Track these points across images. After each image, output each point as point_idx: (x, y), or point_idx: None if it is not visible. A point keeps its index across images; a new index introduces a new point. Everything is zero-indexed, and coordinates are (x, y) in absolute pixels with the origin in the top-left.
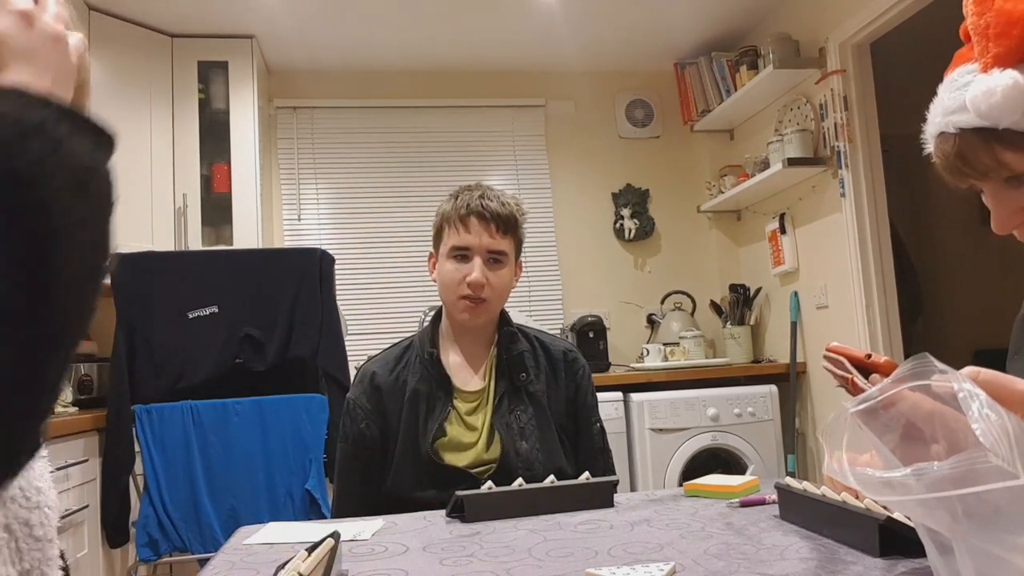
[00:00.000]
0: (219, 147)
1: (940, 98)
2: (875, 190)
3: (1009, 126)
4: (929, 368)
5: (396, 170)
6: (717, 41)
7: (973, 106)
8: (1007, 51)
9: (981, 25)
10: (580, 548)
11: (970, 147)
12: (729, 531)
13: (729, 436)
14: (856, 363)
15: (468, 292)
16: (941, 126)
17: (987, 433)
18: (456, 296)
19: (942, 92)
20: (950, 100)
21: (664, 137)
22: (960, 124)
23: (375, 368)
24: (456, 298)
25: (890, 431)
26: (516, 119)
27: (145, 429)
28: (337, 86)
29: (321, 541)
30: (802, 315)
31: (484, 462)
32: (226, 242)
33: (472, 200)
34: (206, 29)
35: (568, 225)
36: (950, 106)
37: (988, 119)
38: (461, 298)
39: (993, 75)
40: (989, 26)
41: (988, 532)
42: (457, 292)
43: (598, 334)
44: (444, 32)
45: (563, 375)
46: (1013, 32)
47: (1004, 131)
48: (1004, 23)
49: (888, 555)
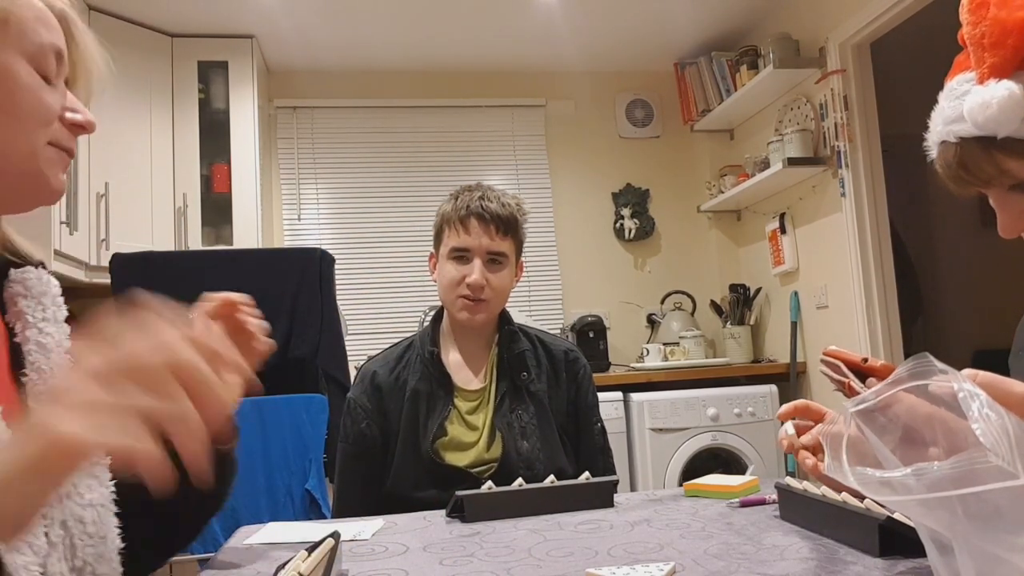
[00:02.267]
0: (219, 147)
1: (941, 106)
2: (875, 190)
3: (1009, 134)
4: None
5: (396, 170)
6: (717, 41)
7: (971, 118)
8: (1003, 61)
9: (976, 35)
10: (580, 548)
11: (971, 156)
12: (729, 531)
13: (729, 436)
14: (853, 367)
15: (467, 293)
16: (942, 135)
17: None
18: (455, 296)
19: (942, 100)
20: (950, 109)
21: (664, 137)
22: (960, 133)
23: (376, 368)
24: (455, 298)
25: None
26: (516, 119)
27: None
28: (337, 86)
29: (321, 541)
30: (802, 315)
31: (485, 461)
32: (226, 242)
33: (472, 201)
34: (206, 29)
35: (568, 225)
36: (950, 115)
37: (986, 130)
38: (460, 298)
39: (989, 86)
40: (984, 36)
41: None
42: (456, 293)
43: (598, 334)
44: (444, 32)
45: (564, 375)
46: (1008, 42)
47: (1004, 139)
48: (999, 33)
49: (888, 555)
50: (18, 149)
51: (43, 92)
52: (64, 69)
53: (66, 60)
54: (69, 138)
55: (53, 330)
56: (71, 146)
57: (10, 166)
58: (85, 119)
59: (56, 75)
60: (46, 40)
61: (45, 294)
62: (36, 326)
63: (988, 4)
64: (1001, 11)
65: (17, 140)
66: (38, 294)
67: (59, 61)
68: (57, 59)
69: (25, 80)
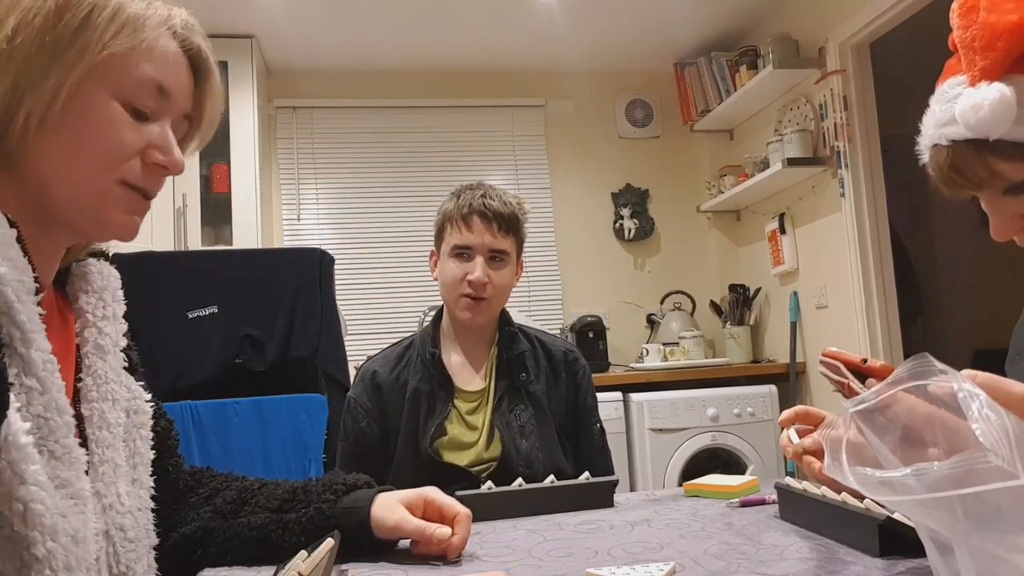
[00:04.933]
0: (219, 147)
1: (932, 110)
2: (875, 190)
3: (1001, 137)
4: (929, 368)
5: (396, 170)
6: (717, 41)
7: (962, 120)
8: (993, 64)
9: (967, 38)
10: (580, 548)
11: (963, 159)
12: (729, 531)
13: (729, 436)
14: (852, 368)
15: (469, 291)
16: (934, 138)
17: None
18: (457, 294)
19: (933, 104)
20: (941, 112)
21: (664, 137)
22: (952, 136)
23: (376, 367)
24: (457, 296)
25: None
26: (516, 119)
27: None
28: (337, 86)
29: (321, 541)
30: (802, 315)
31: (484, 461)
32: (226, 242)
33: (474, 199)
34: (206, 29)
35: (568, 225)
36: (941, 118)
37: (978, 132)
38: (462, 296)
39: (981, 89)
40: (975, 39)
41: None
42: (458, 290)
43: (598, 334)
44: (444, 32)
45: (563, 375)
46: (998, 45)
47: (996, 142)
48: (989, 36)
49: (888, 555)
50: (81, 185)
51: (123, 129)
52: (172, 105)
53: (176, 96)
54: (146, 178)
55: (111, 329)
56: (147, 186)
57: (72, 201)
58: (169, 159)
59: (157, 111)
60: (145, 75)
61: (106, 288)
62: (96, 325)
63: (978, 8)
64: (991, 15)
65: (81, 175)
66: (99, 288)
67: (163, 96)
68: (161, 94)
69: (103, 116)
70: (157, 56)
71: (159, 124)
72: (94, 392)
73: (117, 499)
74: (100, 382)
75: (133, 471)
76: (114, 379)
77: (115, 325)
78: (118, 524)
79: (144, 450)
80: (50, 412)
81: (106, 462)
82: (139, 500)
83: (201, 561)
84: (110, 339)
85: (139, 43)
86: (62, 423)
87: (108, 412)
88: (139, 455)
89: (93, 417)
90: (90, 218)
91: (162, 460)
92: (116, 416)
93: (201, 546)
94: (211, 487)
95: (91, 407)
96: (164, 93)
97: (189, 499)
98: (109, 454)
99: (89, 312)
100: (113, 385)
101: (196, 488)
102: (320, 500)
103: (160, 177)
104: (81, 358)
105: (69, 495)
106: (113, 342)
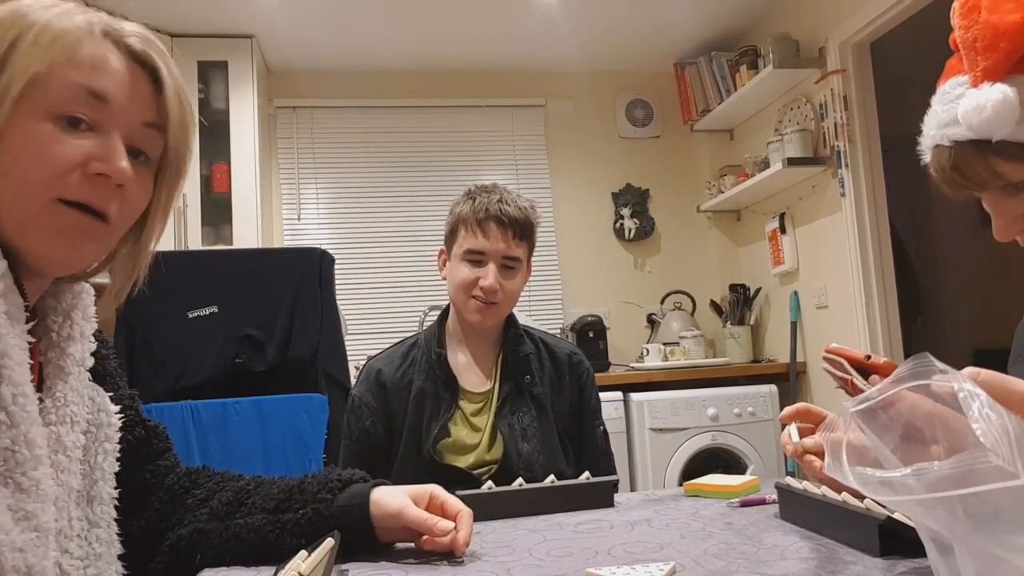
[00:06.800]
0: (219, 147)
1: (934, 110)
2: (875, 190)
3: (1004, 138)
4: (929, 368)
5: (396, 170)
6: (717, 41)
7: (965, 121)
8: (995, 64)
9: (968, 39)
10: (580, 548)
11: (965, 159)
12: (729, 531)
13: (729, 436)
14: (855, 364)
15: (481, 296)
16: (936, 139)
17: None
18: (467, 297)
19: (935, 104)
20: (943, 113)
21: (664, 137)
22: (954, 137)
23: (380, 366)
24: (467, 299)
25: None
26: (516, 119)
27: None
28: (337, 86)
29: (321, 541)
30: (802, 315)
31: (485, 463)
32: (226, 242)
33: (491, 204)
34: (206, 29)
35: (568, 225)
36: (943, 119)
37: (980, 133)
38: (472, 299)
39: (983, 89)
40: (977, 39)
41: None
42: (469, 293)
43: (598, 334)
44: (444, 32)
45: (567, 378)
46: (1000, 45)
47: (999, 142)
48: (991, 36)
49: (888, 555)
50: (22, 210)
51: (51, 145)
52: (118, 112)
53: (119, 101)
54: (91, 191)
55: (75, 349)
56: (92, 200)
57: (20, 228)
58: (110, 167)
59: (100, 120)
60: (72, 82)
61: (75, 307)
62: (59, 345)
63: (979, 8)
64: (993, 15)
65: (21, 200)
66: (68, 307)
67: (100, 101)
68: (96, 99)
69: (31, 138)
70: (85, 63)
71: (104, 134)
72: (52, 415)
73: (68, 523)
74: (59, 404)
75: (92, 488)
76: (74, 400)
77: (82, 344)
78: (63, 547)
79: (107, 465)
80: (18, 445)
81: (60, 486)
82: (95, 516)
83: (201, 564)
84: (73, 359)
85: (62, 56)
86: (30, 456)
87: (65, 435)
88: (99, 469)
89: (50, 440)
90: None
91: (139, 468)
92: (74, 438)
93: (198, 548)
94: (207, 488)
95: (48, 430)
96: (100, 98)
97: (185, 501)
98: (64, 478)
99: (54, 332)
100: (73, 407)
101: (192, 489)
102: (316, 500)
103: (107, 189)
104: (43, 379)
105: (32, 527)
106: (77, 361)
